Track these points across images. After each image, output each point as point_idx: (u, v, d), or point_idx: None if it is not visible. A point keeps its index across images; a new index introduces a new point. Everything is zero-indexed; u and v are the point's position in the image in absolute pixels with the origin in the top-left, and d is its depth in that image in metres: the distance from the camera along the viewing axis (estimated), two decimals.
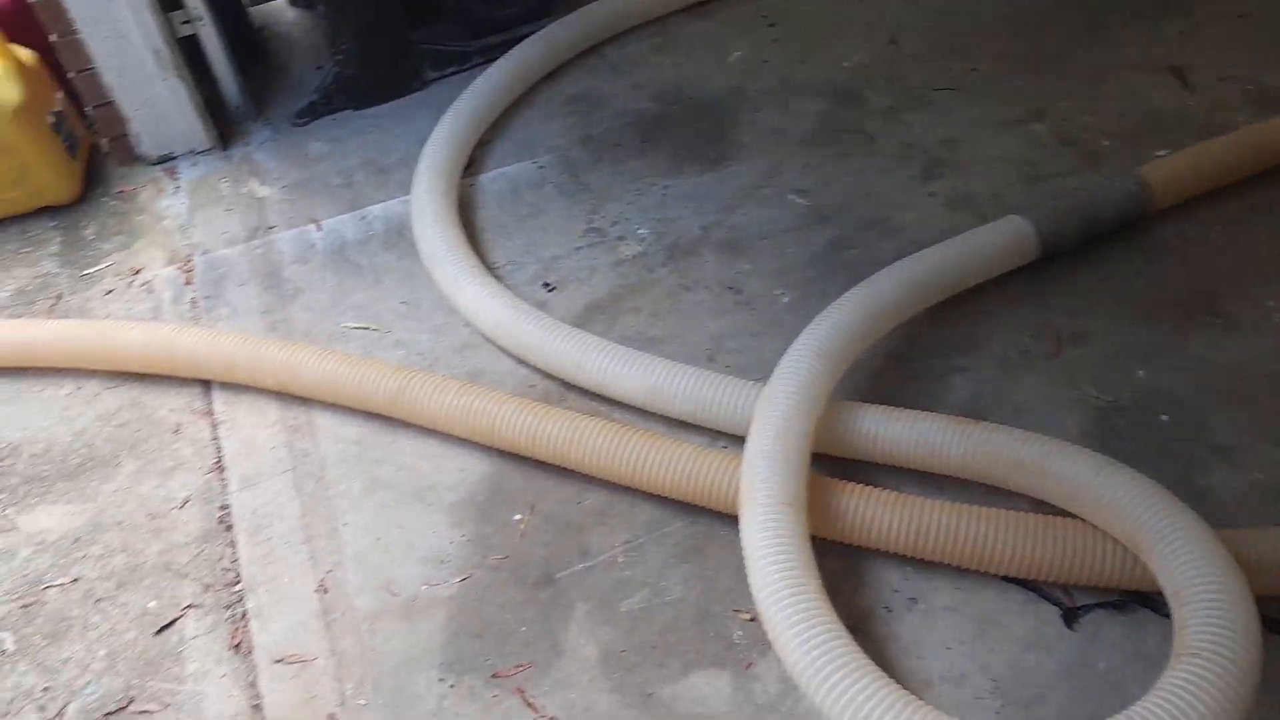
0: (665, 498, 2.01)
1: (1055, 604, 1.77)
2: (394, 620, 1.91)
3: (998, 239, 2.28)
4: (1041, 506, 1.83)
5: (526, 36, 3.19)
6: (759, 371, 2.13)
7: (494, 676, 1.80)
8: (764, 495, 1.72)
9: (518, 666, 1.81)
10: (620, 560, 1.95)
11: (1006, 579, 1.80)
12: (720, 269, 2.51)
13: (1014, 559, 1.73)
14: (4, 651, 1.98)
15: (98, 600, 2.04)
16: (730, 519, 1.95)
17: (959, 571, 1.82)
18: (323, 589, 1.98)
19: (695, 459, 1.95)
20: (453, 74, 3.26)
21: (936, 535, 1.76)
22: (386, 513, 2.09)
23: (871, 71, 3.12)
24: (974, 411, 2.06)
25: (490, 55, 3.17)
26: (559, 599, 1.91)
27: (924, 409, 1.95)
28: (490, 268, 2.55)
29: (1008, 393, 2.14)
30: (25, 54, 2.95)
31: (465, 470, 2.15)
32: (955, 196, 2.62)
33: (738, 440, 2.08)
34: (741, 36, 3.34)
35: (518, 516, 2.05)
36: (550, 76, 3.21)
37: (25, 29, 2.92)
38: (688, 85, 3.15)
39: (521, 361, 2.34)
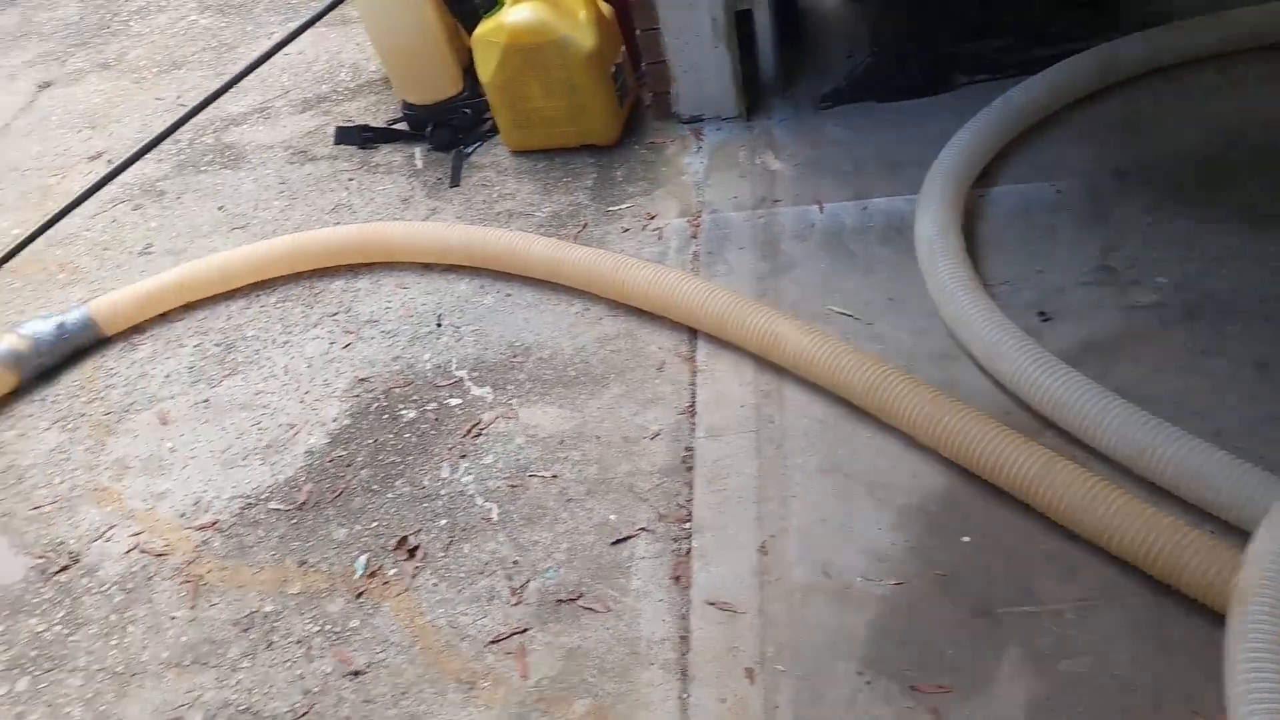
0: (1129, 564, 1.86)
1: None
2: (825, 601, 1.96)
3: None
4: None
5: (1074, 53, 3.03)
6: (1274, 464, 1.89)
7: (912, 688, 1.79)
8: (1271, 605, 1.53)
9: (938, 687, 1.79)
10: (1068, 615, 1.85)
11: None
12: (1251, 342, 2.24)
13: None
14: (489, 520, 2.29)
15: (569, 500, 2.29)
16: (1204, 608, 1.77)
17: None
18: (764, 550, 2.07)
19: (1180, 535, 1.78)
20: (984, 80, 3.19)
21: None
22: (836, 497, 2.14)
23: None
24: None
25: (1030, 68, 3.05)
26: (994, 633, 1.84)
27: None
28: (985, 284, 2.48)
29: None
30: (606, 8, 3.30)
31: (920, 477, 2.14)
32: None
33: (1230, 530, 1.88)
34: None
35: (966, 538, 2.01)
36: (1091, 97, 3.02)
37: None
38: (1257, 130, 2.80)
39: (1000, 385, 2.27)
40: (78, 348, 2.90)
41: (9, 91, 4.49)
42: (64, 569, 2.35)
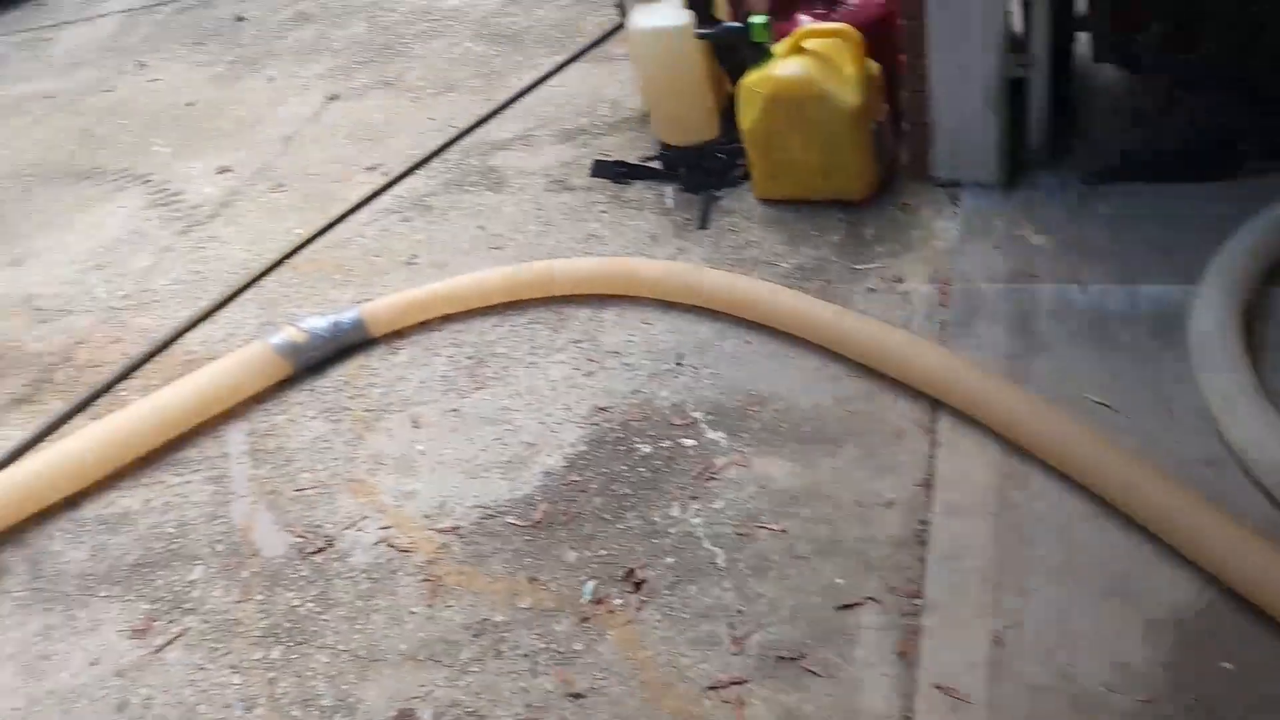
0: None
1: None
2: (1062, 704, 1.88)
3: None
4: None
5: None
6: None
7: None
8: None
9: None
10: None
11: None
12: None
13: None
14: (715, 565, 2.32)
15: (796, 556, 2.29)
16: None
17: None
18: (998, 641, 2.00)
19: None
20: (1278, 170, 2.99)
21: None
22: (1080, 597, 2.05)
23: None
24: None
25: None
26: None
27: None
28: (1265, 389, 2.32)
29: None
30: (874, 66, 3.30)
31: (1176, 588, 2.02)
32: None
33: None
34: None
35: (1227, 664, 1.88)
36: None
37: (882, 45, 3.26)
38: None
39: (1276, 501, 2.11)
40: (346, 345, 3.13)
41: (302, 102, 4.92)
42: (319, 550, 2.54)
